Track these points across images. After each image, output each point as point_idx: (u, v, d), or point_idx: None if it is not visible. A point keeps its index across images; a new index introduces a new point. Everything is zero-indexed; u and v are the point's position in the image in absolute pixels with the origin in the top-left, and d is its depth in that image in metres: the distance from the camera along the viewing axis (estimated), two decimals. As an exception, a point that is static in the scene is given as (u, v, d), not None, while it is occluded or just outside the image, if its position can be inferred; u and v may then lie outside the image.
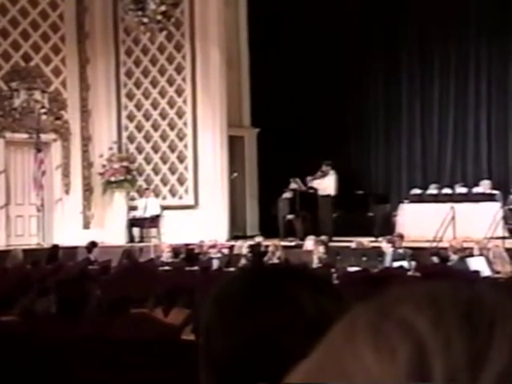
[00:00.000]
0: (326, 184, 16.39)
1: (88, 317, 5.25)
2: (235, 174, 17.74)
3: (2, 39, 16.52)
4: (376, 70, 18.85)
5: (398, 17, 18.42)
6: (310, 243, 13.87)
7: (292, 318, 1.08)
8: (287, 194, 16.66)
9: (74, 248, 15.14)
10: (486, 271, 10.76)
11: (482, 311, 0.53)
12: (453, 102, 18.21)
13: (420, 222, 14.94)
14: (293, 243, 15.30)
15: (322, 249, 13.16)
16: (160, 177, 17.61)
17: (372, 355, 0.53)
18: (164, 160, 17.56)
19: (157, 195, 17.37)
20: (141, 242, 16.71)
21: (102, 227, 17.19)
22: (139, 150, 17.67)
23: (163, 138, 17.52)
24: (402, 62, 18.64)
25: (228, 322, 1.09)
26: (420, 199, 16.24)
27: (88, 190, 17.53)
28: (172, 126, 17.46)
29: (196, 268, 12.04)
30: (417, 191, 16.79)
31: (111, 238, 16.43)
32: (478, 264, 11.06)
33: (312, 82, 18.28)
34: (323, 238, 14.35)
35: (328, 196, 16.30)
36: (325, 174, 16.47)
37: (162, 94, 17.45)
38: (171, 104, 17.43)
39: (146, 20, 16.85)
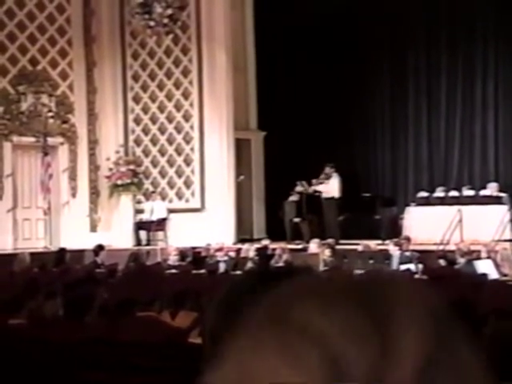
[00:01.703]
0: (330, 187, 16.38)
1: (95, 319, 5.25)
2: (242, 177, 17.74)
3: (9, 43, 16.57)
4: (382, 72, 18.82)
5: (404, 19, 18.38)
6: (313, 246, 13.87)
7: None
8: (294, 197, 16.66)
9: (81, 251, 15.15)
10: (493, 274, 10.73)
11: (383, 305, 0.52)
12: (460, 104, 18.17)
13: (427, 224, 14.91)
14: (299, 246, 15.29)
15: (327, 252, 13.15)
16: (167, 180, 17.62)
17: (286, 369, 0.52)
18: (171, 163, 17.58)
19: (163, 198, 17.39)
20: (147, 245, 16.72)
21: (108, 230, 17.21)
22: (146, 153, 17.69)
23: (170, 141, 17.54)
24: (409, 64, 18.61)
25: (233, 325, 1.09)
26: (427, 202, 16.20)
27: (95, 193, 17.55)
28: (179, 130, 17.48)
29: (203, 271, 12.04)
30: (424, 194, 16.76)
31: (118, 241, 16.45)
32: (485, 267, 11.04)
33: (318, 85, 18.27)
34: (330, 240, 14.34)
35: (332, 198, 16.28)
36: (328, 177, 16.45)
37: (169, 97, 17.47)
38: (178, 107, 17.45)
39: (152, 23, 16.88)
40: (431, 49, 18.32)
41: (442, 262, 12.08)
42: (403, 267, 12.01)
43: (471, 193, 16.11)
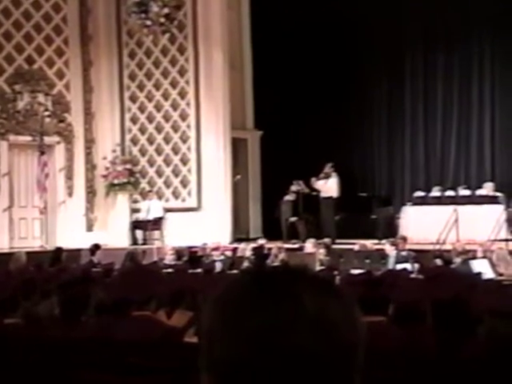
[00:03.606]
0: (329, 186, 16.39)
1: (91, 319, 5.25)
2: (238, 177, 17.74)
3: (5, 42, 16.55)
4: (379, 71, 18.85)
5: (401, 21, 18.41)
6: (309, 245, 13.88)
7: (293, 318, 1.08)
8: (290, 197, 16.67)
9: (78, 250, 15.14)
10: (489, 273, 10.75)
11: None
12: (456, 104, 18.20)
13: (423, 224, 14.93)
14: (296, 245, 15.30)
15: (323, 251, 13.16)
16: (163, 179, 17.62)
17: None
18: (167, 162, 17.57)
19: (160, 197, 17.38)
20: (144, 244, 16.72)
21: (105, 229, 17.21)
22: (142, 152, 17.68)
23: (166, 140, 17.53)
24: (406, 64, 18.64)
25: (230, 324, 1.10)
26: (423, 201, 16.23)
27: (91, 192, 17.54)
28: (175, 129, 17.48)
29: (199, 270, 12.02)
30: (420, 193, 16.78)
31: (114, 241, 16.44)
32: (481, 266, 11.05)
33: (315, 85, 18.29)
34: (326, 240, 14.35)
35: (330, 198, 16.30)
36: (327, 176, 16.46)
37: (166, 96, 17.46)
38: (174, 106, 17.44)
39: (149, 22, 16.86)
40: (428, 50, 18.35)
41: (438, 262, 12.09)
42: (399, 267, 12.02)
43: (467, 192, 16.14)
